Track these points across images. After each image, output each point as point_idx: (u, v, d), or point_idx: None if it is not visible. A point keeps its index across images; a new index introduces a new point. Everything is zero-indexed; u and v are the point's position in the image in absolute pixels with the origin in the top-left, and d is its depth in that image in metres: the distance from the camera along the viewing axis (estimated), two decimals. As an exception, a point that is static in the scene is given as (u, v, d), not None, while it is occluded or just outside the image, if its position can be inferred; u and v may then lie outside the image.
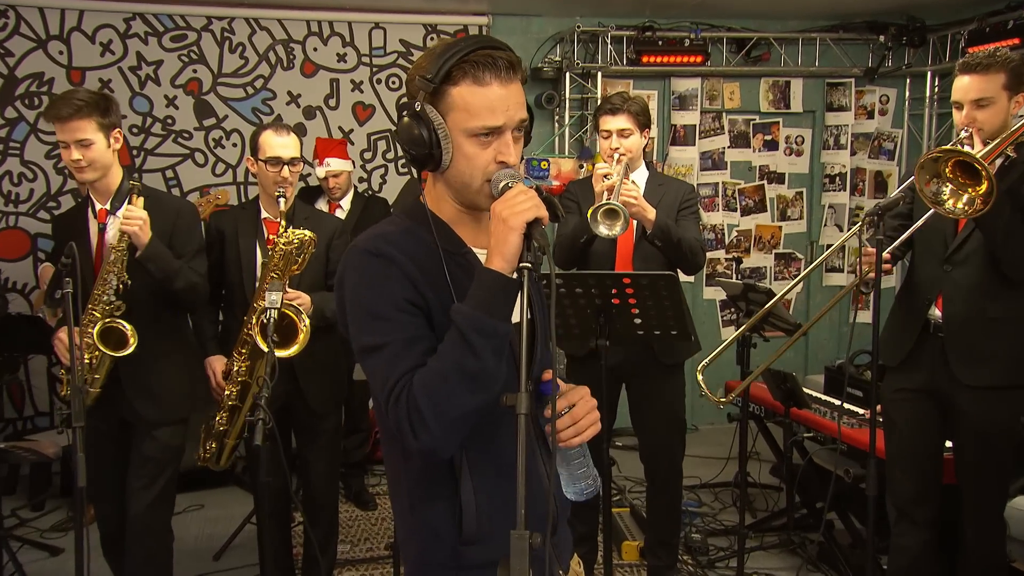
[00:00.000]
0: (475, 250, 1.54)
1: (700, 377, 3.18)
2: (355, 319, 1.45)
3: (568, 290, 2.85)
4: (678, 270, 3.18)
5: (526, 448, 1.27)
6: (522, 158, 1.50)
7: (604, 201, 2.98)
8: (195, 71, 5.18)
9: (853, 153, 6.04)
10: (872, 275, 2.65)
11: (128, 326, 2.75)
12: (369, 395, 4.70)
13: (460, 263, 1.51)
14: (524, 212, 1.36)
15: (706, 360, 3.22)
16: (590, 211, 3.01)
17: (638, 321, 2.92)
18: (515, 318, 1.41)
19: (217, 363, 3.12)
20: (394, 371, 1.39)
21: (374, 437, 4.87)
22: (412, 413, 1.36)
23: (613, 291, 2.85)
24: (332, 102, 5.36)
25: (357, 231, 4.05)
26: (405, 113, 1.47)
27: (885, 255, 2.64)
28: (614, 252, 3.23)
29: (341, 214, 4.38)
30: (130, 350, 2.75)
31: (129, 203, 2.79)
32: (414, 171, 1.52)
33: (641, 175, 3.33)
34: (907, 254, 2.94)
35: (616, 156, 3.16)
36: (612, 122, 3.19)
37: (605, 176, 3.06)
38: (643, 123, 3.22)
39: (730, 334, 5.93)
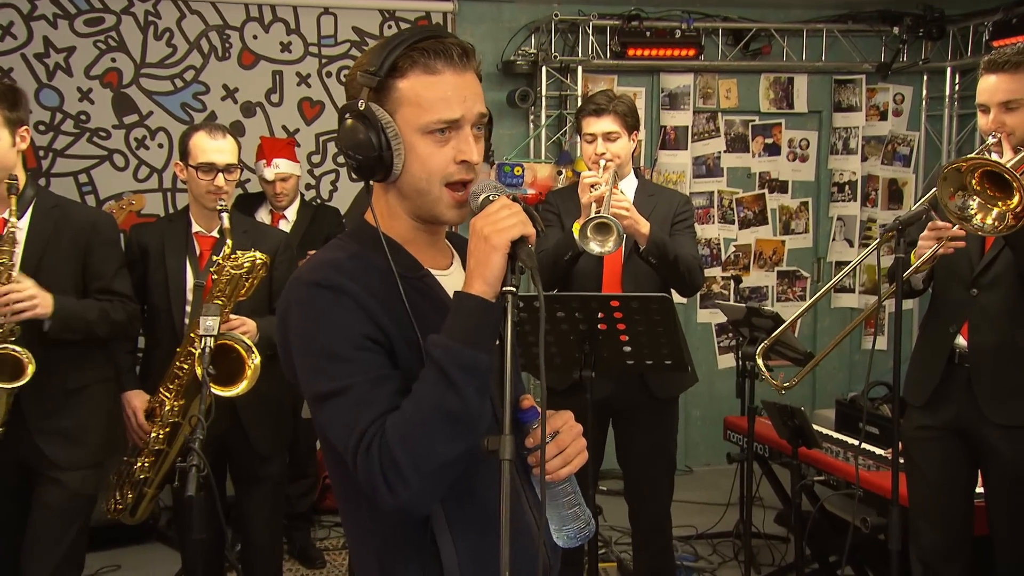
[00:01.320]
0: (433, 272, 1.54)
1: (760, 362, 3.20)
2: (306, 363, 1.43)
3: (548, 314, 2.86)
4: (672, 291, 3.19)
5: (511, 496, 1.27)
6: (490, 162, 1.50)
7: (594, 214, 3.00)
8: (114, 60, 5.12)
9: (864, 159, 6.14)
10: (948, 249, 2.62)
11: (24, 352, 2.66)
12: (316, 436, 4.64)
13: (418, 287, 1.51)
14: (508, 229, 1.36)
15: (766, 342, 3.22)
16: (578, 225, 3.03)
17: (628, 349, 2.92)
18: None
19: (136, 399, 3.07)
20: (361, 417, 1.37)
21: (322, 484, 4.81)
22: (387, 466, 1.34)
23: (599, 315, 2.85)
24: (275, 97, 5.34)
25: (304, 246, 4.09)
26: (347, 115, 1.47)
27: (957, 231, 2.64)
28: (600, 271, 3.24)
29: (286, 226, 4.37)
30: (26, 379, 2.66)
31: (8, 279, 2.67)
32: (361, 181, 1.52)
33: (630, 184, 3.34)
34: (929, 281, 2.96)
35: (602, 163, 3.18)
36: (597, 124, 3.21)
37: (593, 186, 3.07)
38: (631, 125, 3.25)
39: (728, 362, 6.01)
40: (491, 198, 1.43)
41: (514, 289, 1.36)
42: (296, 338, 1.44)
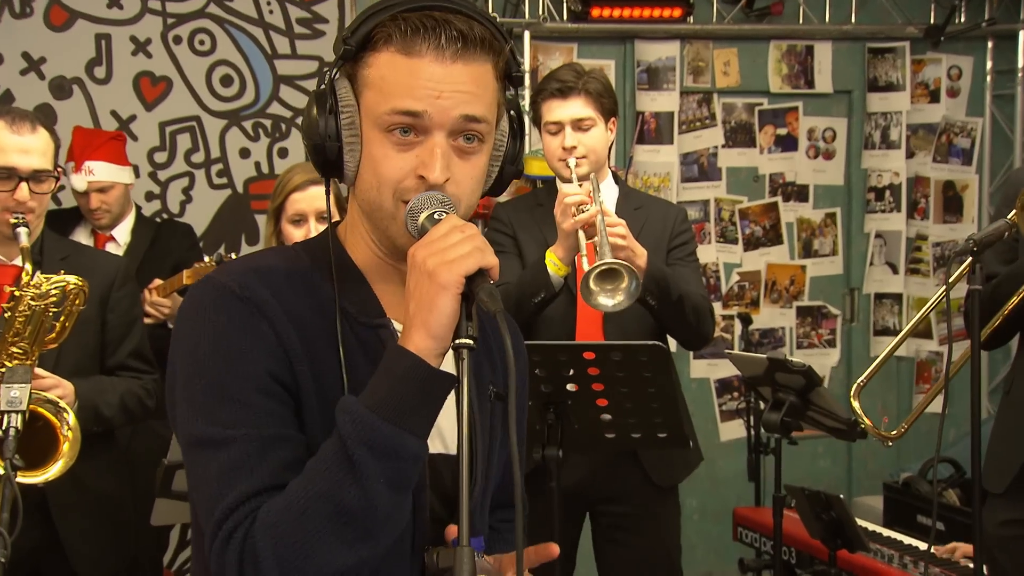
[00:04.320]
0: (396, 324, 1.59)
1: (856, 404, 3.23)
2: (190, 392, 1.47)
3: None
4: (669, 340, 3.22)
5: None
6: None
7: (583, 243, 3.03)
8: None
9: (910, 154, 6.24)
10: None
11: None
12: (163, 547, 4.54)
13: (366, 339, 1.56)
14: (461, 260, 1.39)
15: (862, 378, 3.28)
16: (553, 256, 3.07)
17: (607, 418, 2.92)
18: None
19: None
20: (234, 488, 1.40)
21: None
22: (247, 564, 1.37)
23: (569, 371, 2.85)
24: (99, 72, 5.27)
25: (143, 275, 4.05)
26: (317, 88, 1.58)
27: None
28: (573, 314, 3.25)
29: (116, 251, 4.32)
30: None
31: None
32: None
33: (609, 192, 3.38)
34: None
35: (572, 162, 3.20)
36: (562, 109, 3.24)
37: (578, 207, 3.07)
38: (608, 108, 3.30)
39: (734, 432, 6.02)
40: (436, 216, 1.46)
41: (471, 343, 1.39)
42: (185, 355, 1.49)
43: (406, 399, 1.38)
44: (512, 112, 1.65)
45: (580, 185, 3.19)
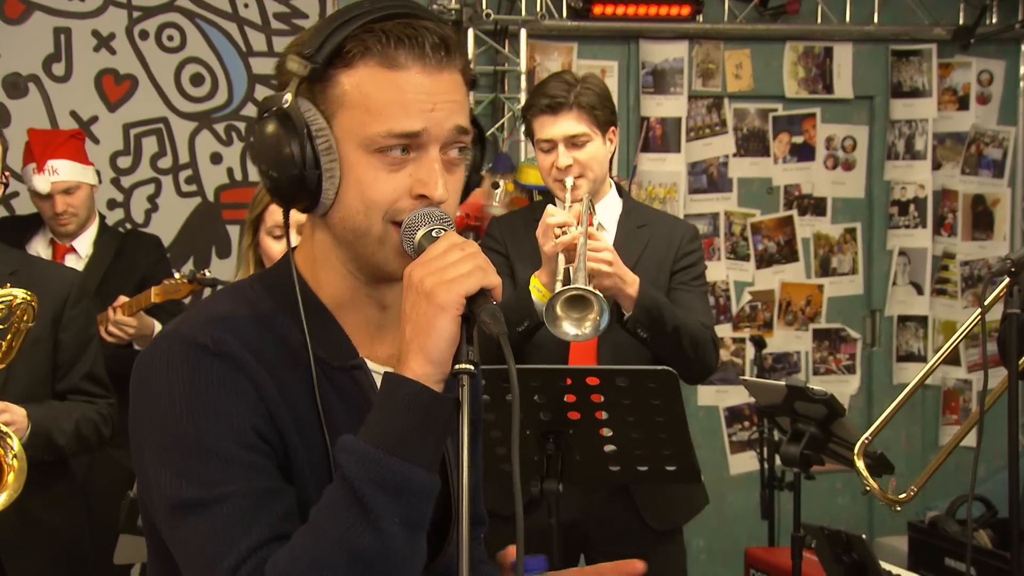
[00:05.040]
0: (371, 364, 1.62)
1: (860, 463, 3.21)
2: (167, 457, 1.46)
3: (494, 396, 2.81)
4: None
5: None
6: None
7: (561, 268, 3.02)
8: None
9: (937, 166, 6.25)
10: None
11: None
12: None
13: (342, 384, 1.58)
14: (462, 280, 1.40)
15: (870, 433, 3.25)
16: (537, 282, 3.08)
17: (611, 449, 2.91)
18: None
19: None
20: (233, 546, 1.40)
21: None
22: None
23: (569, 398, 2.83)
24: (58, 69, 5.27)
25: (106, 290, 4.03)
26: (266, 112, 1.54)
27: None
28: (566, 342, 3.21)
29: (76, 263, 4.32)
30: None
31: None
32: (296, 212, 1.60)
33: (610, 208, 3.38)
34: None
35: (569, 182, 3.19)
36: (555, 126, 3.25)
37: (562, 228, 3.07)
38: (605, 120, 3.29)
39: (745, 465, 5.99)
40: (434, 234, 1.48)
41: (472, 368, 1.42)
42: (155, 416, 1.48)
43: (410, 429, 1.39)
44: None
45: (570, 206, 3.19)
